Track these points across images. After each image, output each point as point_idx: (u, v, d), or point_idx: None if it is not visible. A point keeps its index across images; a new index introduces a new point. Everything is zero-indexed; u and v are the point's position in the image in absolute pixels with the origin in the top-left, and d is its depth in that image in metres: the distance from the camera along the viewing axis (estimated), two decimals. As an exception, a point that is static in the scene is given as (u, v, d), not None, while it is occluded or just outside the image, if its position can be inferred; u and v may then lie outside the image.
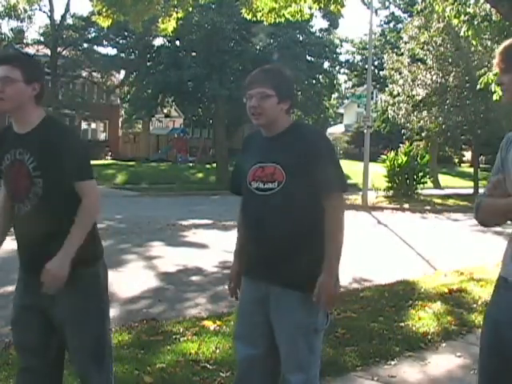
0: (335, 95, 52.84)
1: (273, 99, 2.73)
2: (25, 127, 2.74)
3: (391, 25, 47.93)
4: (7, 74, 2.64)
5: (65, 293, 2.68)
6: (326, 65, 35.23)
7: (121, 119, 42.19)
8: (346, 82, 54.53)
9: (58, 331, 2.80)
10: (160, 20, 11.28)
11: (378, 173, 21.89)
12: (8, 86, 2.64)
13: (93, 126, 42.59)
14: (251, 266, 2.83)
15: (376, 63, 40.65)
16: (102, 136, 42.83)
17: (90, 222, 2.74)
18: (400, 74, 24.73)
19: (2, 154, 2.79)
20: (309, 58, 32.12)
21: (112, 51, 33.68)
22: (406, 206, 19.40)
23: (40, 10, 33.25)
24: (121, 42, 31.93)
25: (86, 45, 33.86)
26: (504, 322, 2.26)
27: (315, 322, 2.72)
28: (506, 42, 2.42)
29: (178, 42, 29.95)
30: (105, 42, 33.08)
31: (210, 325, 5.18)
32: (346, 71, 50.57)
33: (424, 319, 5.45)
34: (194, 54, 29.27)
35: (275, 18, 10.71)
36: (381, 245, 10.84)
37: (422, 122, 23.90)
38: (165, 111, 37.96)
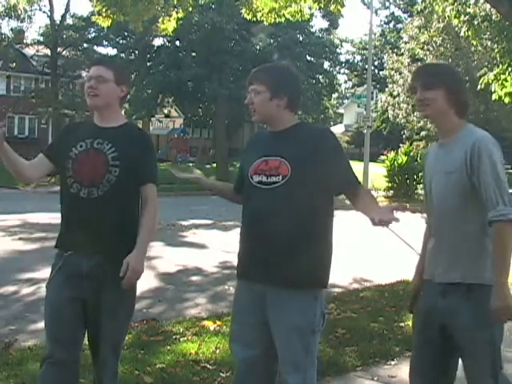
0: (335, 95, 52.86)
1: (263, 95, 2.75)
2: (108, 123, 2.99)
3: (391, 25, 47.99)
4: (101, 74, 2.93)
5: (112, 285, 2.85)
6: (326, 65, 35.29)
7: (121, 119, 42.14)
8: (345, 82, 54.62)
9: (89, 322, 2.95)
10: (160, 20, 11.28)
11: (378, 174, 21.90)
12: (101, 84, 2.92)
13: (93, 126, 42.56)
14: (248, 265, 2.79)
15: (376, 63, 40.68)
16: (102, 136, 42.79)
17: (156, 224, 3.01)
18: (400, 74, 24.75)
19: (74, 143, 2.97)
20: (309, 58, 32.15)
21: (112, 51, 33.77)
22: (406, 206, 19.40)
23: (40, 10, 33.29)
24: (121, 42, 31.98)
25: (86, 45, 33.88)
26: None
27: (312, 323, 2.70)
28: (425, 64, 2.77)
29: (177, 42, 29.99)
30: (105, 42, 33.13)
31: (210, 325, 5.19)
32: (346, 71, 50.64)
33: (424, 319, 5.44)
34: (194, 54, 29.31)
35: (275, 18, 10.71)
36: (381, 245, 10.84)
37: (421, 122, 23.89)
38: (165, 111, 37.96)
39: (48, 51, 33.85)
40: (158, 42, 31.24)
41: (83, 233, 2.89)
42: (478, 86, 10.46)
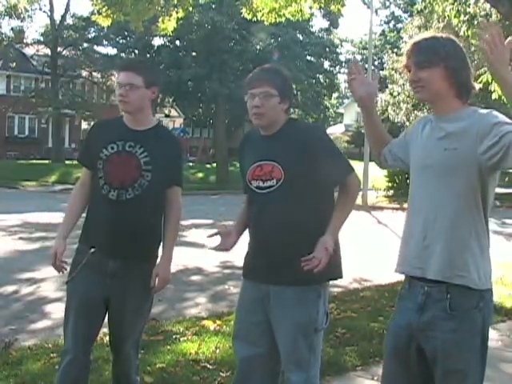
0: (335, 95, 52.87)
1: (275, 99, 2.72)
2: (139, 125, 3.02)
3: (391, 25, 47.98)
4: (131, 81, 2.95)
5: (136, 286, 2.92)
6: (326, 64, 35.27)
7: (121, 119, 42.17)
8: (345, 81, 54.55)
9: (113, 321, 3.00)
10: (160, 20, 11.26)
11: (378, 174, 21.87)
12: (132, 91, 2.95)
13: (93, 125, 42.65)
14: (251, 266, 2.84)
15: (376, 63, 40.67)
16: (102, 136, 42.84)
17: (179, 227, 3.09)
18: (400, 74, 24.71)
19: (104, 144, 2.98)
20: (309, 57, 32.17)
21: (112, 51, 33.77)
22: (406, 205, 19.39)
23: (40, 9, 33.32)
24: (121, 41, 31.98)
25: (86, 45, 33.93)
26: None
27: (315, 321, 2.72)
28: (416, 39, 2.41)
29: (178, 42, 29.98)
30: (105, 42, 33.15)
31: (210, 325, 5.19)
32: (346, 71, 50.62)
33: (424, 319, 5.44)
34: (194, 53, 29.30)
35: (275, 18, 10.69)
36: (381, 245, 10.83)
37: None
38: (165, 111, 37.96)
39: (48, 51, 33.89)
40: (158, 41, 31.28)
41: (110, 233, 2.91)
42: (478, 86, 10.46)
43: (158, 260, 3.02)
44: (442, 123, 2.32)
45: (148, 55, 31.02)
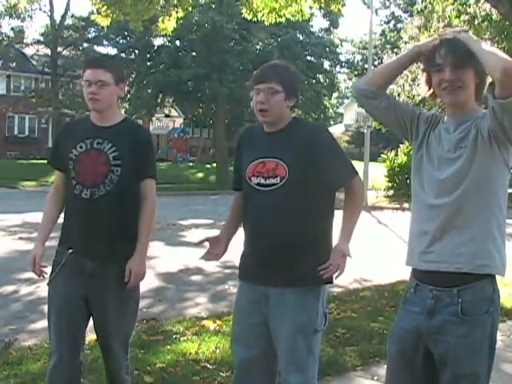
0: (335, 95, 52.83)
1: (280, 95, 2.69)
2: (107, 122, 2.99)
3: (391, 24, 47.92)
4: (101, 78, 2.90)
5: (116, 284, 2.89)
6: (327, 64, 35.22)
7: (121, 119, 42.14)
8: (344, 81, 54.55)
9: (96, 322, 2.98)
10: (160, 20, 11.26)
11: (378, 174, 21.88)
12: (103, 89, 2.91)
13: (93, 125, 42.64)
14: (249, 267, 2.81)
15: (376, 63, 40.60)
16: (102, 136, 42.86)
17: (154, 221, 3.04)
18: (400, 73, 24.70)
19: (73, 143, 2.97)
20: (309, 57, 32.13)
21: (112, 51, 33.68)
22: (406, 205, 19.38)
23: (40, 9, 33.32)
24: (121, 41, 31.94)
25: (86, 44, 33.89)
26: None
27: (315, 323, 2.71)
28: (447, 37, 2.28)
29: (178, 42, 29.96)
30: (105, 42, 33.10)
31: (210, 324, 5.19)
32: (346, 71, 50.63)
33: (424, 319, 5.44)
34: (194, 53, 29.26)
35: (276, 18, 10.69)
36: (381, 245, 10.83)
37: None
38: (165, 111, 37.95)
39: (48, 51, 33.89)
40: (158, 41, 31.24)
41: (86, 233, 2.90)
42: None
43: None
44: (460, 126, 2.28)
45: (148, 55, 31.00)
